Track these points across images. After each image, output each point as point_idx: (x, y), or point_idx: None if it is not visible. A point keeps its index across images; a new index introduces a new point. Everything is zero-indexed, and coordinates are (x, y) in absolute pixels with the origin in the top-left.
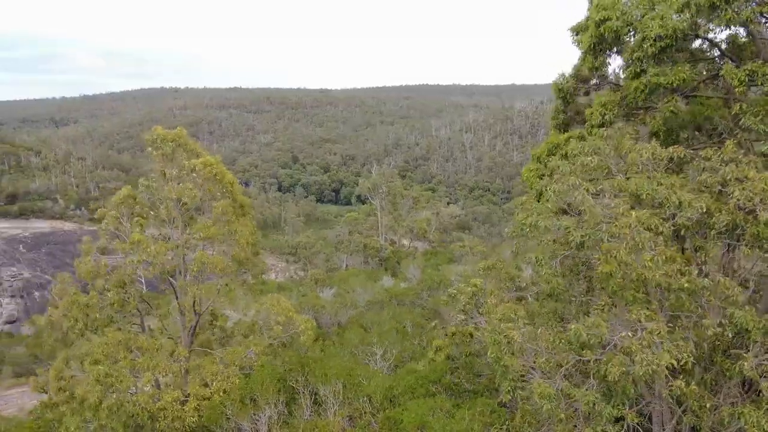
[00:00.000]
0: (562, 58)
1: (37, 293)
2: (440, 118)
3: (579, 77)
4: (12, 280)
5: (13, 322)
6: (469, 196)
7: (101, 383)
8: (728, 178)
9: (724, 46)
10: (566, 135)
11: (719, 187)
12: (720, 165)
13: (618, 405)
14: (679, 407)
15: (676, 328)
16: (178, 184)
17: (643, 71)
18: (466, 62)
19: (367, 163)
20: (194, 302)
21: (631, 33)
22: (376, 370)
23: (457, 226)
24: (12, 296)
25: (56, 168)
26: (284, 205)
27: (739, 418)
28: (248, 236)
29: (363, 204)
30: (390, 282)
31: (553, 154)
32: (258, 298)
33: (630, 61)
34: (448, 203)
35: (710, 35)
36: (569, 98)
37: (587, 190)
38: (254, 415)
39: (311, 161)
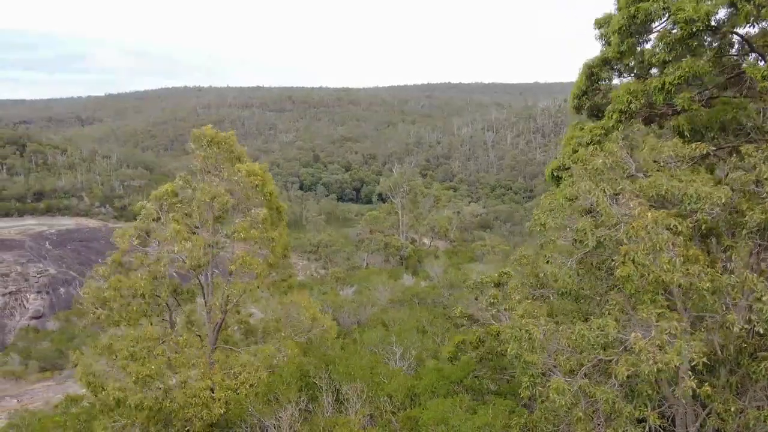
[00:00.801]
0: (588, 57)
1: (62, 289)
2: (462, 117)
3: (608, 63)
4: (38, 276)
5: (39, 317)
6: (490, 195)
7: (139, 383)
8: (764, 177)
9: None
10: (590, 126)
11: (753, 186)
12: (761, 163)
13: (640, 406)
14: (703, 410)
15: (700, 329)
16: (216, 186)
17: (670, 61)
18: (488, 60)
19: (389, 162)
20: (222, 300)
21: (664, 18)
22: (396, 368)
23: (478, 225)
24: (38, 292)
25: (82, 166)
26: (305, 204)
27: (765, 421)
28: (282, 244)
29: (384, 203)
30: (411, 281)
31: (575, 151)
32: (282, 298)
33: (659, 48)
34: (470, 202)
35: (738, 29)
36: (596, 81)
37: (603, 192)
38: (277, 411)
39: (332, 160)
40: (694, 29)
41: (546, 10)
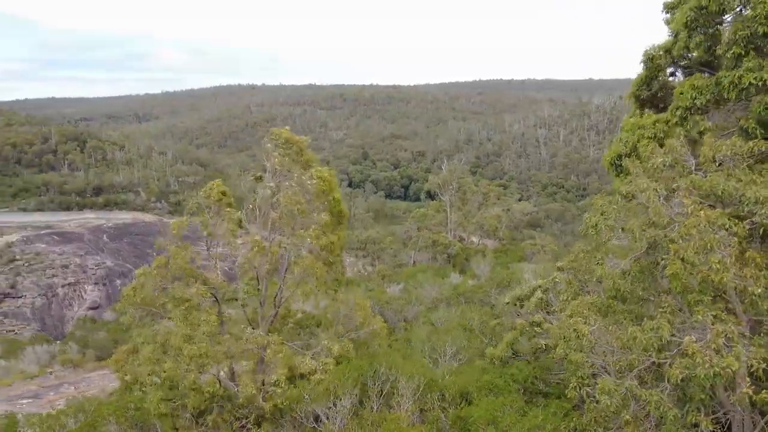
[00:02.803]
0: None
1: (118, 281)
2: (513, 114)
3: (670, 53)
4: (96, 268)
5: (96, 308)
6: (542, 193)
7: (195, 361)
8: None
9: None
10: (654, 117)
11: None
12: None
13: (693, 411)
14: (762, 417)
15: (760, 333)
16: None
17: (746, 54)
18: (541, 57)
19: (438, 159)
20: (275, 295)
21: (738, 8)
22: (446, 366)
23: (528, 224)
24: (95, 283)
25: (139, 162)
26: (354, 201)
27: None
28: (339, 246)
29: (432, 200)
30: (458, 279)
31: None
32: (333, 294)
33: (733, 41)
34: (520, 199)
35: None
36: (657, 71)
37: (656, 191)
38: (332, 403)
39: (381, 157)
40: None
41: (601, 4)
